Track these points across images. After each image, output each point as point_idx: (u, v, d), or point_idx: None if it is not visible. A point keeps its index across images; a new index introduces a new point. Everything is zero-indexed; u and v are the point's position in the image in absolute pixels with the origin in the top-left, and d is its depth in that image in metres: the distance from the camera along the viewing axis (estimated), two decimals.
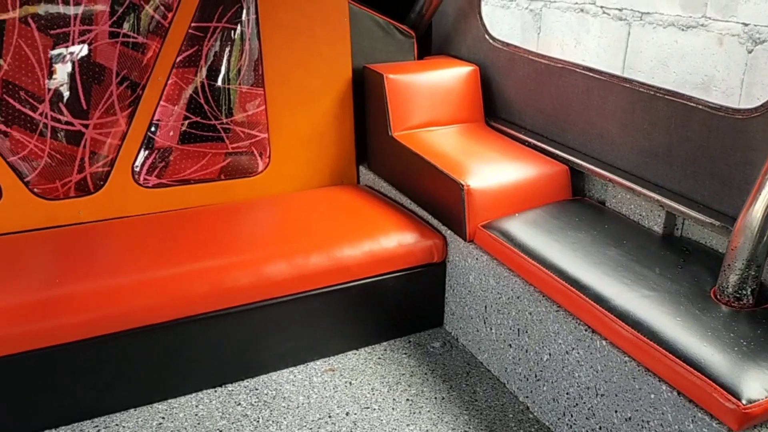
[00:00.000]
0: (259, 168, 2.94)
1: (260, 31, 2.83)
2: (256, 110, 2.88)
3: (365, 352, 2.57)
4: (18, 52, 2.46)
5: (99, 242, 2.49)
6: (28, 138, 2.53)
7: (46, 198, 2.60)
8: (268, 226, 2.66)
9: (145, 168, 2.75)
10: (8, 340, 2.01)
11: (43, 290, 2.14)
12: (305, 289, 2.40)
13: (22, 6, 2.44)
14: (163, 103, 2.73)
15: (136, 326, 2.17)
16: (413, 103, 2.90)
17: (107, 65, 2.60)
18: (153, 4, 2.63)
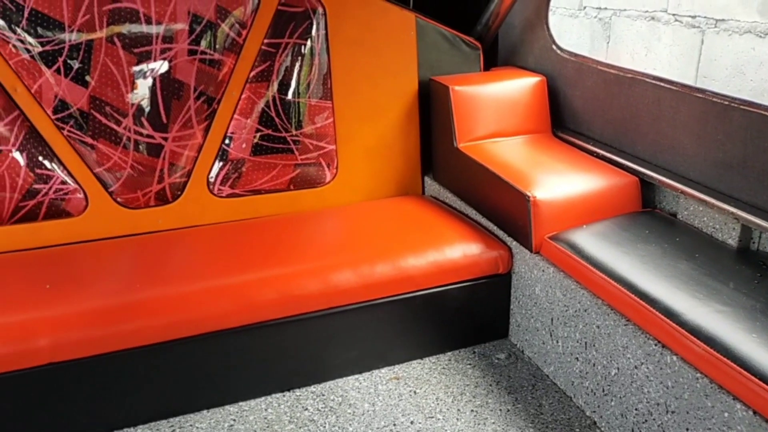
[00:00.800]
0: (326, 179, 3.01)
1: (329, 45, 2.91)
2: (324, 123, 2.96)
3: (430, 361, 2.59)
4: (104, 69, 2.61)
5: (176, 250, 2.61)
6: (113, 150, 2.68)
7: (128, 207, 2.74)
8: (335, 236, 2.72)
9: (219, 179, 2.86)
10: (91, 341, 2.13)
11: (124, 294, 2.25)
12: (371, 297, 2.44)
13: (109, 26, 2.59)
14: (236, 116, 2.84)
15: (209, 331, 2.25)
16: (479, 114, 2.91)
17: (186, 81, 2.73)
18: (229, 22, 2.75)
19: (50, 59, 2.54)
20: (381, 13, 2.96)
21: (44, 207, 2.62)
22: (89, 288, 2.28)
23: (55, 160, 2.61)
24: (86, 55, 2.57)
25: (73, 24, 2.54)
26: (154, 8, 2.62)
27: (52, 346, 2.06)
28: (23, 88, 2.52)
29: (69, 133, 2.61)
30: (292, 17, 2.85)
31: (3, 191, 2.54)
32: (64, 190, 2.64)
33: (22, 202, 2.58)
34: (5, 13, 2.45)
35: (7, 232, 2.57)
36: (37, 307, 2.15)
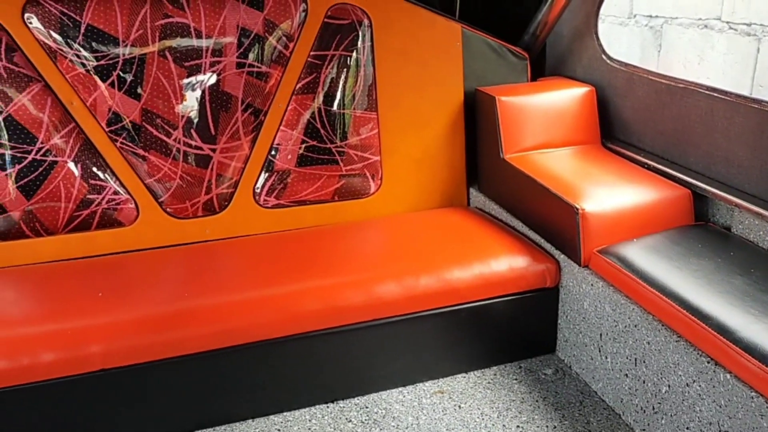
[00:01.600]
0: (371, 190, 3.02)
1: (375, 57, 2.92)
2: (369, 134, 2.97)
3: (474, 375, 2.56)
4: (156, 83, 2.68)
5: (222, 259, 2.65)
6: (163, 161, 2.74)
7: (177, 217, 2.79)
8: (379, 247, 2.72)
9: (265, 189, 2.89)
10: (141, 348, 2.17)
11: (173, 303, 2.29)
12: (415, 310, 2.43)
13: (161, 40, 2.65)
14: (283, 128, 2.87)
15: (255, 340, 2.28)
16: (526, 125, 2.88)
17: (234, 93, 2.77)
18: (276, 35, 2.79)
19: (105, 73, 2.61)
20: (427, 24, 2.96)
21: (97, 217, 2.69)
22: (139, 296, 2.33)
23: (108, 171, 2.68)
24: (139, 69, 2.64)
25: (127, 39, 2.61)
26: (204, 22, 2.68)
27: (104, 353, 2.11)
28: (79, 101, 2.60)
29: (122, 144, 2.68)
30: (338, 29, 2.87)
31: (58, 201, 2.62)
32: (116, 201, 2.70)
33: (76, 211, 2.65)
34: (63, 28, 2.54)
35: (62, 241, 2.65)
36: (89, 315, 2.21)
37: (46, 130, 2.58)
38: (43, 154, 2.58)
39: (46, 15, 2.52)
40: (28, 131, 2.55)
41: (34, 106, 2.56)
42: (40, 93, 2.56)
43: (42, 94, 2.56)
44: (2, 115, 2.52)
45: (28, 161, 2.57)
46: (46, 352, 2.08)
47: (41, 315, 2.26)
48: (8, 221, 2.58)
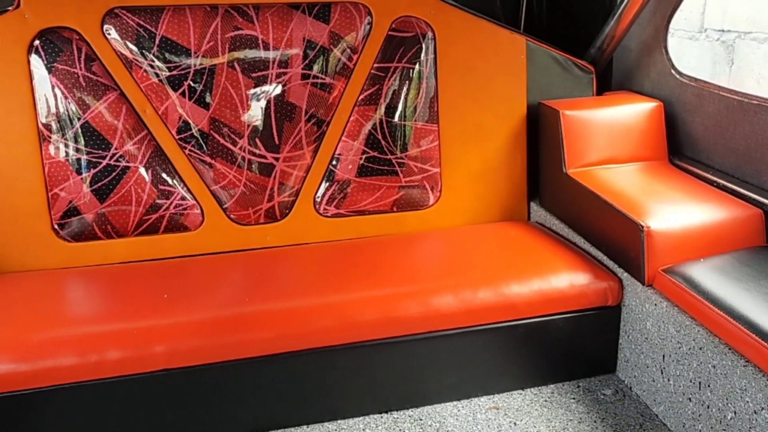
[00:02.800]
0: (430, 201, 3.02)
1: (437, 69, 2.93)
2: (429, 145, 2.98)
3: (531, 393, 2.52)
4: (224, 93, 2.76)
5: (282, 266, 2.69)
6: (228, 169, 2.82)
7: (239, 223, 2.86)
8: (437, 259, 2.71)
9: (325, 199, 2.94)
10: (203, 350, 2.23)
11: (234, 307, 2.35)
12: (472, 323, 2.41)
13: (230, 52, 2.74)
14: (344, 138, 2.91)
15: (312, 347, 2.30)
16: (590, 139, 2.83)
17: (298, 104, 2.83)
18: (341, 48, 2.84)
19: (176, 83, 2.71)
20: (491, 37, 2.96)
21: (165, 221, 2.78)
22: (202, 299, 2.39)
23: (176, 177, 2.77)
24: (208, 79, 2.73)
25: (198, 50, 2.70)
26: (272, 35, 2.75)
27: (168, 353, 2.18)
28: (152, 109, 2.70)
29: (190, 152, 2.77)
30: (401, 42, 2.90)
31: (129, 205, 2.73)
32: (183, 206, 2.79)
33: (145, 215, 2.75)
34: (139, 39, 2.65)
35: (131, 243, 2.75)
36: (155, 316, 2.28)
37: (120, 136, 2.69)
38: (116, 159, 2.69)
39: (123, 26, 2.64)
40: (103, 137, 2.67)
41: (109, 114, 2.67)
42: (115, 101, 2.67)
43: (117, 103, 2.68)
44: (80, 122, 2.64)
45: (102, 166, 2.68)
46: (113, 350, 2.15)
47: (110, 314, 2.35)
48: (82, 223, 2.69)
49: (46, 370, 2.10)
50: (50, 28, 2.58)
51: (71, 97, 2.62)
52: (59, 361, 2.11)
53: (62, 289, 2.54)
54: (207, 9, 2.70)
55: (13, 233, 2.62)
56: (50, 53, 2.59)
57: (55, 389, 2.12)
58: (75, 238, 2.69)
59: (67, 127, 2.63)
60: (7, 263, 2.62)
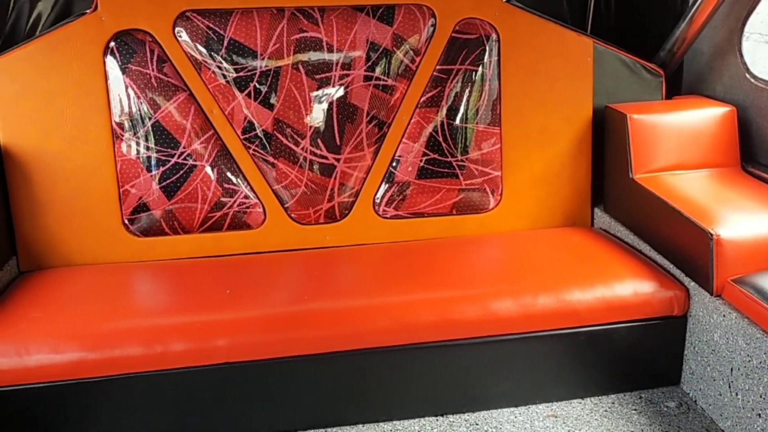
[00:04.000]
0: (490, 205, 2.99)
1: (501, 71, 2.90)
2: (491, 148, 2.95)
3: (591, 402, 2.46)
4: (288, 94, 2.81)
5: (341, 266, 2.72)
6: (290, 169, 2.86)
7: (300, 223, 2.90)
8: (496, 263, 2.69)
9: (384, 200, 2.95)
10: (263, 345, 2.27)
11: (294, 304, 2.38)
12: (531, 329, 2.38)
13: (295, 54, 2.78)
14: (405, 140, 2.91)
15: (369, 346, 2.31)
16: (658, 144, 2.75)
17: (360, 106, 2.85)
18: (404, 50, 2.85)
19: (243, 84, 2.77)
20: (557, 39, 2.91)
21: (228, 219, 2.84)
22: (263, 296, 2.44)
23: (240, 176, 2.84)
24: (273, 81, 2.78)
25: (264, 52, 2.76)
26: (336, 37, 2.78)
27: (229, 346, 2.23)
28: (219, 110, 2.78)
29: (254, 151, 2.83)
30: (465, 44, 2.88)
31: (195, 202, 2.80)
32: (246, 204, 2.85)
33: (210, 213, 2.82)
34: (208, 42, 2.73)
35: (196, 240, 2.82)
36: (217, 310, 2.34)
37: (188, 136, 2.77)
38: (184, 158, 2.77)
39: (194, 29, 2.72)
40: (172, 136, 2.75)
41: (179, 114, 2.76)
42: (184, 102, 2.76)
43: (186, 103, 2.76)
44: (151, 121, 2.73)
45: (171, 164, 2.76)
46: (177, 342, 2.22)
47: (175, 307, 2.43)
48: (151, 219, 2.79)
49: (114, 359, 2.18)
50: (125, 31, 2.68)
51: (143, 97, 2.71)
52: (126, 351, 2.19)
53: (131, 282, 2.64)
54: (273, 12, 2.75)
55: (86, 227, 2.73)
56: (125, 55, 2.69)
57: (122, 378, 2.20)
58: (143, 233, 2.79)
59: (139, 126, 2.73)
60: (80, 256, 2.73)
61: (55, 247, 2.72)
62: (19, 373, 2.12)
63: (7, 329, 2.20)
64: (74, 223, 2.72)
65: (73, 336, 2.20)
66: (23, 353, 2.13)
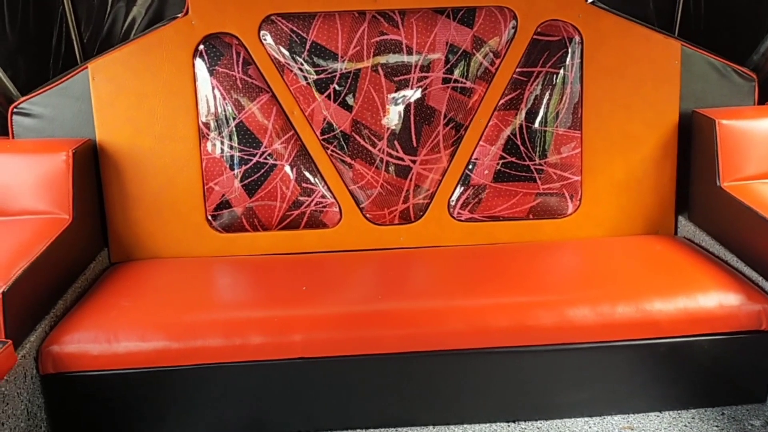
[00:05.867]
0: (568, 210, 2.94)
1: (583, 74, 2.85)
2: (570, 153, 2.90)
3: (669, 416, 2.38)
4: (367, 96, 2.84)
5: (415, 267, 2.73)
6: (367, 170, 2.90)
7: (375, 223, 2.93)
8: (574, 269, 2.64)
9: (459, 203, 2.94)
10: (337, 342, 2.30)
11: (368, 303, 2.41)
12: (609, 338, 2.32)
13: (374, 56, 2.82)
14: (482, 143, 2.90)
15: (441, 348, 2.31)
16: (749, 151, 2.63)
17: (437, 108, 2.86)
18: (483, 52, 2.83)
19: (323, 86, 2.83)
20: (643, 41, 2.83)
21: (306, 217, 2.91)
22: (338, 294, 2.48)
23: (318, 176, 2.89)
24: (353, 83, 2.83)
25: (345, 55, 2.81)
26: (415, 39, 2.80)
27: (304, 342, 2.27)
28: (299, 111, 2.84)
29: (332, 152, 2.88)
30: (546, 46, 2.85)
31: (275, 200, 2.88)
32: (323, 204, 2.91)
33: (288, 211, 2.89)
34: (291, 44, 2.80)
35: (274, 237, 2.90)
36: (294, 306, 2.40)
37: (269, 136, 2.85)
38: (265, 157, 2.85)
39: (278, 32, 2.79)
40: (255, 136, 2.84)
41: (261, 114, 2.84)
42: (267, 103, 2.84)
43: (269, 104, 2.84)
44: (235, 121, 2.83)
45: (252, 163, 2.85)
46: (255, 335, 2.28)
47: (253, 301, 2.50)
48: (232, 215, 2.88)
49: (196, 349, 2.26)
50: (213, 34, 2.78)
51: (228, 98, 2.81)
52: (207, 342, 2.27)
53: (212, 276, 2.74)
54: (355, 15, 2.79)
55: (172, 222, 2.85)
56: (212, 57, 2.79)
57: (202, 367, 2.28)
58: (225, 229, 2.88)
59: (224, 126, 2.83)
60: (166, 249, 2.86)
61: (143, 240, 2.86)
62: (109, 359, 2.23)
63: (99, 317, 2.33)
64: (161, 217, 2.84)
65: (159, 325, 2.30)
66: (112, 340, 2.24)
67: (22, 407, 2.11)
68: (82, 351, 2.22)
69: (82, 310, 2.38)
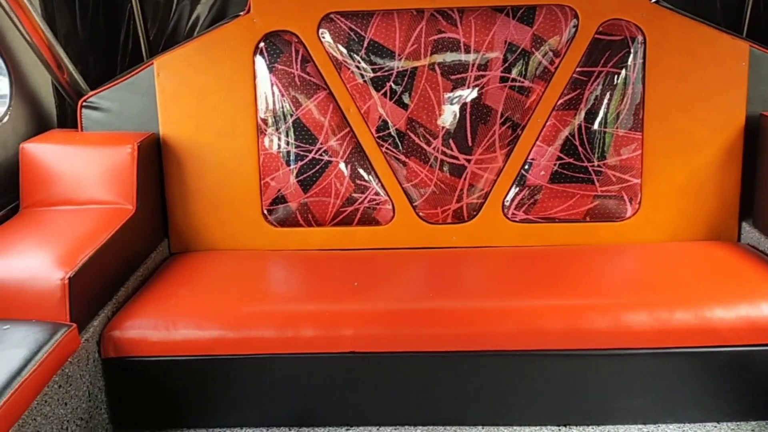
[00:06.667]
0: (627, 213, 2.87)
1: (645, 75, 2.78)
2: (630, 155, 2.83)
3: (727, 427, 2.30)
4: (423, 94, 2.85)
5: (467, 267, 2.72)
6: (421, 168, 2.90)
7: (427, 222, 2.93)
8: (631, 274, 2.58)
9: (514, 203, 2.91)
10: (386, 338, 2.31)
11: (418, 301, 2.42)
12: (666, 345, 2.26)
13: (432, 54, 2.82)
14: (539, 143, 2.86)
15: (491, 349, 2.30)
16: None
17: (494, 107, 2.84)
18: (542, 51, 2.80)
19: (379, 84, 2.85)
20: (709, 42, 2.75)
21: (359, 214, 2.93)
22: (388, 291, 2.49)
23: (372, 174, 2.91)
24: (409, 81, 2.84)
25: (402, 53, 2.82)
26: (473, 38, 2.79)
27: (354, 337, 2.29)
28: (355, 108, 2.87)
29: (386, 150, 2.89)
30: (608, 45, 2.79)
31: (329, 197, 2.91)
32: (376, 201, 2.92)
33: (341, 207, 2.92)
34: (349, 42, 2.83)
35: (328, 233, 2.93)
36: (345, 301, 2.42)
37: (325, 133, 2.89)
38: (320, 153, 2.89)
39: (336, 30, 2.83)
40: (311, 133, 2.88)
41: (318, 111, 2.88)
42: (324, 100, 2.87)
43: (326, 101, 2.87)
44: (293, 118, 2.87)
45: (308, 159, 2.89)
46: (307, 328, 2.31)
47: (306, 295, 2.54)
48: (287, 210, 2.93)
49: (249, 339, 2.31)
50: (274, 32, 2.84)
51: (287, 95, 2.86)
52: (260, 333, 2.31)
53: (267, 269, 2.79)
54: (413, 13, 2.80)
55: (229, 215, 2.92)
56: (272, 54, 2.85)
57: (255, 357, 2.32)
58: (280, 224, 2.93)
59: (281, 122, 2.88)
60: (223, 241, 2.93)
61: (201, 232, 2.93)
62: (167, 346, 2.30)
63: (159, 305, 2.41)
64: (219, 211, 2.91)
65: (215, 315, 2.36)
66: (171, 327, 2.31)
67: (84, 389, 2.20)
68: (142, 337, 2.30)
69: (142, 297, 2.46)
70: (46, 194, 2.63)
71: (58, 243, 2.30)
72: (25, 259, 2.19)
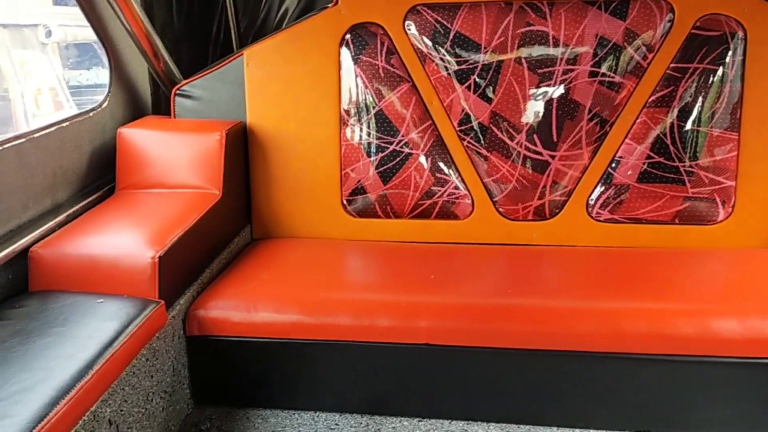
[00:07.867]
0: (719, 217, 2.74)
1: (745, 73, 2.64)
2: (725, 156, 2.70)
3: None
4: (508, 88, 2.81)
5: (548, 265, 2.67)
6: (503, 163, 2.86)
7: (507, 218, 2.89)
8: (721, 279, 2.46)
9: (599, 202, 2.83)
10: (461, 332, 2.30)
11: (495, 297, 2.39)
12: (756, 354, 2.15)
13: (519, 48, 2.77)
14: (628, 141, 2.77)
15: (569, 349, 2.24)
16: None
17: (582, 102, 2.77)
18: (635, 46, 2.70)
19: (463, 77, 2.83)
20: None
21: (437, 207, 2.92)
22: (465, 285, 2.48)
23: (452, 167, 2.90)
24: (494, 74, 2.80)
25: (488, 45, 2.79)
26: (563, 31, 2.73)
27: (430, 329, 2.29)
28: (438, 101, 2.86)
29: (468, 144, 2.87)
30: (705, 41, 2.67)
31: (408, 189, 2.92)
32: (455, 195, 2.91)
33: (420, 200, 2.92)
34: (435, 35, 2.82)
35: (406, 225, 2.94)
36: (421, 293, 2.42)
37: (407, 125, 2.89)
38: (401, 146, 2.90)
39: (422, 22, 2.82)
40: (393, 125, 2.89)
41: (400, 104, 2.89)
42: (407, 92, 2.88)
43: (409, 94, 2.88)
44: (375, 110, 2.89)
45: (389, 151, 2.91)
46: (383, 317, 2.33)
47: (383, 285, 2.56)
48: (366, 201, 2.95)
49: (327, 325, 2.35)
50: (360, 24, 2.86)
51: (370, 87, 2.88)
52: (337, 320, 2.35)
53: (345, 258, 2.83)
54: (501, 5, 2.76)
55: (310, 204, 2.97)
56: (358, 46, 2.87)
57: (331, 343, 2.36)
58: (359, 214, 2.96)
59: (363, 114, 2.90)
60: (303, 229, 2.99)
61: (282, 220, 3.00)
62: (247, 327, 2.37)
63: (241, 287, 2.48)
64: (300, 199, 2.97)
65: (294, 300, 2.41)
66: (251, 310, 2.38)
67: (169, 363, 2.29)
68: (225, 317, 2.37)
69: (226, 279, 2.55)
70: (140, 177, 2.76)
71: (150, 224, 2.41)
72: (120, 238, 2.30)
